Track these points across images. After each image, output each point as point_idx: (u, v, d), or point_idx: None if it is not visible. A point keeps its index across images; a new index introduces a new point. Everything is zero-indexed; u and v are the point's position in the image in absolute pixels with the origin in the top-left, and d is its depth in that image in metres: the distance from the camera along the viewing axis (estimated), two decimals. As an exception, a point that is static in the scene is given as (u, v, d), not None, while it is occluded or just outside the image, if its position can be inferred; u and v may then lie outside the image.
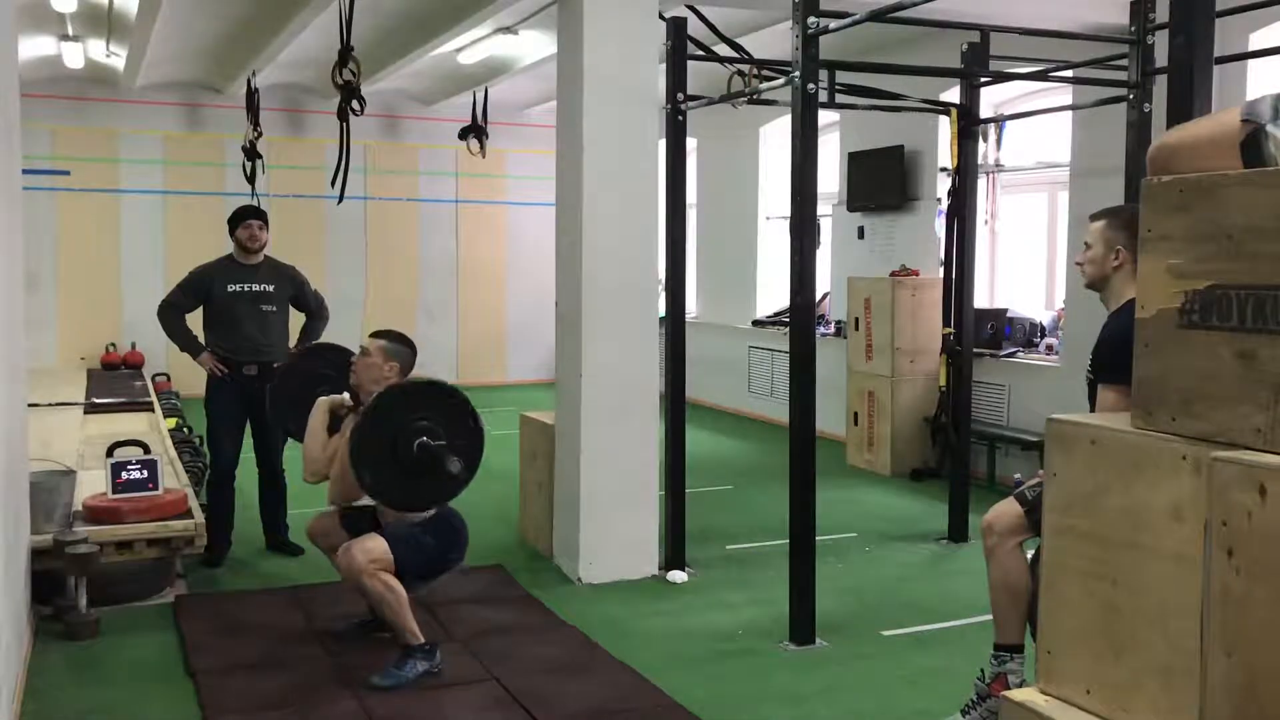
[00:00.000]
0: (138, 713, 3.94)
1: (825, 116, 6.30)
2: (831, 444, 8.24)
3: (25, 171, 5.81)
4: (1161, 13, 4.63)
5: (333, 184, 5.54)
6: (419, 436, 3.97)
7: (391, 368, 4.31)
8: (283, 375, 5.08)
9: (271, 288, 5.77)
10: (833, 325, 9.50)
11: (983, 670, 3.73)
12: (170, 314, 5.80)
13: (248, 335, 5.69)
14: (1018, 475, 6.52)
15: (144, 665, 4.35)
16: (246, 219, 5.81)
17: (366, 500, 4.24)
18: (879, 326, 8.21)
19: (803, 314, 4.62)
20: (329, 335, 6.07)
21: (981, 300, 7.46)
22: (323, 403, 4.47)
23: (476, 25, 8.10)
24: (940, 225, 7.92)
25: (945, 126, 6.61)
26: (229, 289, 5.71)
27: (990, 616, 3.73)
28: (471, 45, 8.98)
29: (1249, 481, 1.71)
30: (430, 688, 4.05)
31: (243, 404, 5.70)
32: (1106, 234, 3.35)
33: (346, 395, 4.43)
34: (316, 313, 5.98)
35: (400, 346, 4.39)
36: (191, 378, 10.83)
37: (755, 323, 10.75)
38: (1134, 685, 2.05)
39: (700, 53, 5.91)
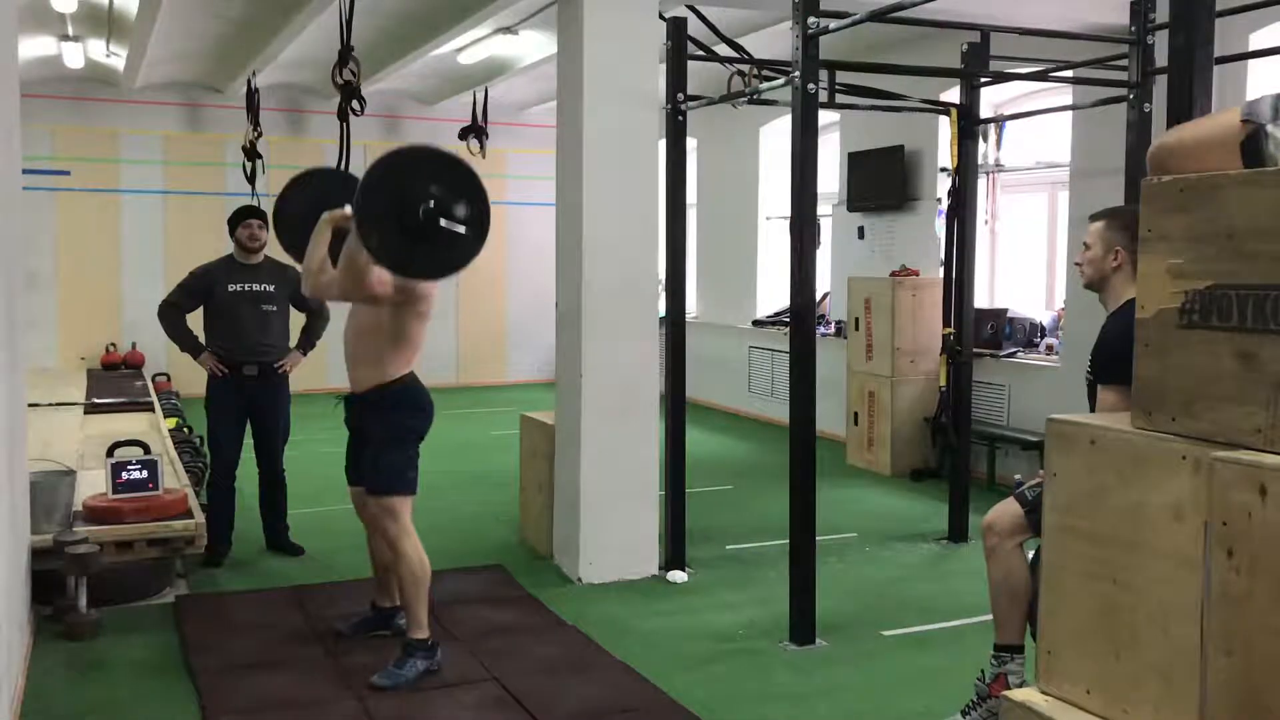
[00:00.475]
0: (138, 712, 3.94)
1: (825, 116, 6.31)
2: (831, 444, 8.24)
3: (25, 171, 5.81)
4: (1161, 13, 4.63)
5: (333, 184, 5.54)
6: (426, 201, 3.84)
7: None
8: (288, 193, 4.91)
9: (272, 287, 5.76)
10: (833, 325, 9.51)
11: (983, 671, 3.73)
12: (171, 314, 5.79)
13: (248, 335, 5.69)
14: (1018, 475, 6.52)
15: (144, 665, 4.35)
16: (246, 219, 5.80)
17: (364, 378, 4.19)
18: (879, 326, 8.22)
19: (803, 314, 4.62)
20: (329, 335, 6.07)
21: (981, 300, 7.46)
22: (327, 216, 4.32)
23: (477, 25, 8.10)
24: (940, 225, 7.92)
25: (945, 126, 6.61)
26: (230, 289, 5.70)
27: (990, 616, 3.73)
28: (472, 45, 8.98)
29: (1249, 481, 1.71)
30: (430, 688, 4.05)
31: (243, 404, 5.71)
32: (1105, 234, 3.35)
33: (348, 208, 4.20)
34: (317, 312, 5.98)
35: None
36: (192, 378, 10.85)
37: (755, 323, 10.75)
38: (1134, 685, 2.05)
39: (700, 53, 5.91)
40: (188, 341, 5.79)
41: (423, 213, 3.82)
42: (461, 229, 3.86)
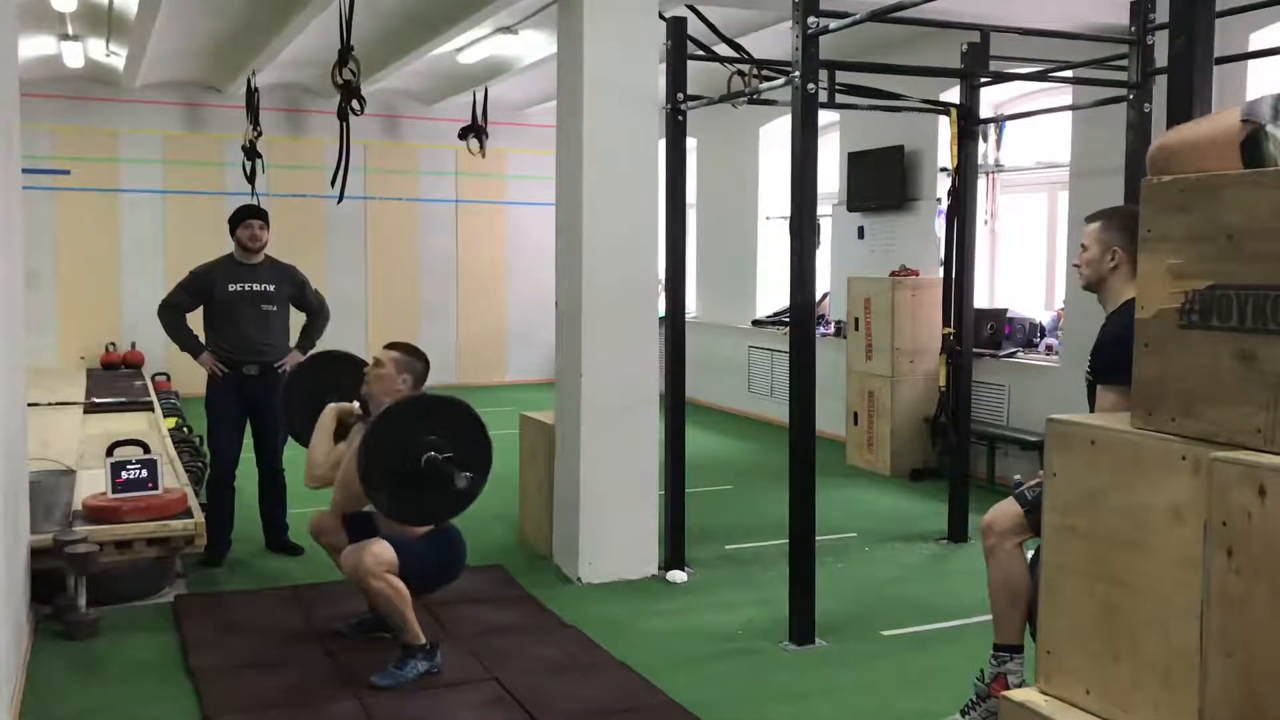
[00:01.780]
0: (137, 712, 3.94)
1: (825, 116, 6.30)
2: (831, 444, 8.24)
3: (25, 171, 5.80)
4: (1161, 13, 4.63)
5: (333, 184, 5.54)
6: (427, 451, 3.94)
7: (405, 380, 4.30)
8: (295, 375, 5.08)
9: (272, 287, 5.76)
10: (833, 325, 9.50)
11: (982, 670, 3.73)
12: (170, 313, 5.79)
13: (248, 335, 5.69)
14: (1017, 475, 6.51)
15: (144, 665, 4.35)
16: (247, 218, 5.79)
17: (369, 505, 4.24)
18: (879, 326, 8.21)
19: (803, 314, 4.62)
20: (330, 334, 6.07)
21: (981, 300, 7.46)
22: (331, 409, 4.47)
23: (476, 25, 8.10)
24: (940, 225, 7.92)
25: (945, 126, 6.61)
26: (230, 288, 5.70)
27: (990, 617, 3.73)
28: (471, 45, 8.98)
29: (1249, 482, 1.71)
30: (430, 688, 4.05)
31: (243, 404, 5.70)
32: (1103, 235, 3.35)
33: (356, 404, 4.44)
34: (317, 312, 5.98)
35: (414, 360, 4.37)
36: (191, 377, 10.83)
37: (755, 323, 10.75)
38: (1134, 685, 2.05)
39: (700, 53, 5.91)
40: (187, 341, 5.79)
41: (425, 462, 3.93)
42: (465, 478, 3.93)
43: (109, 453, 5.22)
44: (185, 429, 7.81)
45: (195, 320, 5.86)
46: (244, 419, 5.75)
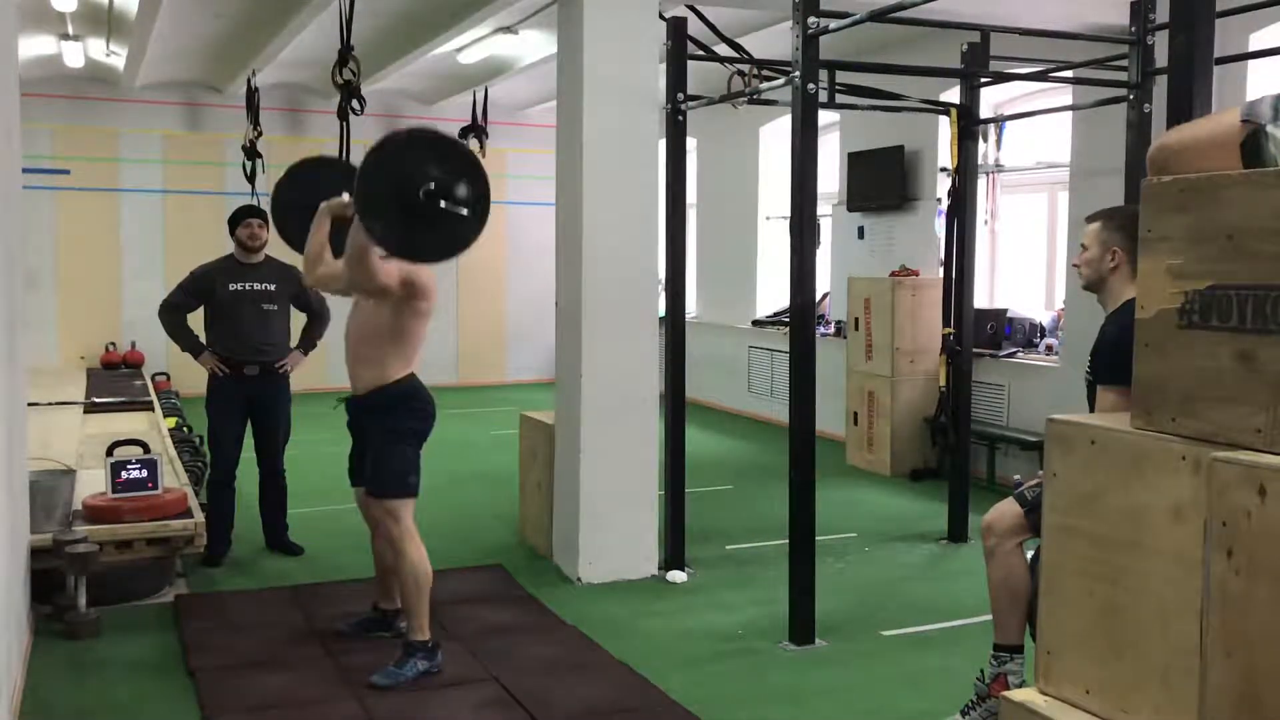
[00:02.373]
0: (137, 712, 3.94)
1: (825, 116, 6.30)
2: (831, 444, 8.24)
3: (25, 171, 5.81)
4: (1162, 13, 4.63)
5: (333, 184, 5.54)
6: (426, 183, 3.81)
7: None
8: (284, 182, 4.92)
9: (273, 287, 5.76)
10: (833, 325, 9.50)
11: (982, 671, 3.73)
12: (171, 314, 5.78)
13: (249, 334, 5.69)
14: (1017, 476, 6.51)
15: (144, 664, 4.35)
16: (246, 218, 5.78)
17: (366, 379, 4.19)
18: (879, 326, 8.22)
19: (803, 314, 4.62)
20: (330, 335, 6.06)
21: (981, 300, 7.46)
22: (325, 207, 4.34)
23: (476, 25, 8.10)
24: (940, 225, 7.92)
25: (945, 126, 6.61)
26: (230, 288, 5.70)
27: (990, 617, 3.73)
28: (471, 45, 8.98)
29: (1249, 482, 1.71)
30: (430, 688, 4.05)
31: (244, 404, 5.70)
32: (1102, 235, 3.35)
33: (346, 195, 4.25)
34: (318, 312, 5.97)
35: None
36: (191, 377, 10.84)
37: (755, 323, 10.75)
38: (1134, 685, 2.05)
39: (700, 53, 5.91)
40: (188, 341, 5.79)
41: (423, 194, 3.80)
42: (464, 210, 3.84)
43: (109, 452, 5.22)
44: (185, 429, 7.82)
45: (195, 321, 5.86)
46: (245, 419, 5.75)
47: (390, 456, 4.15)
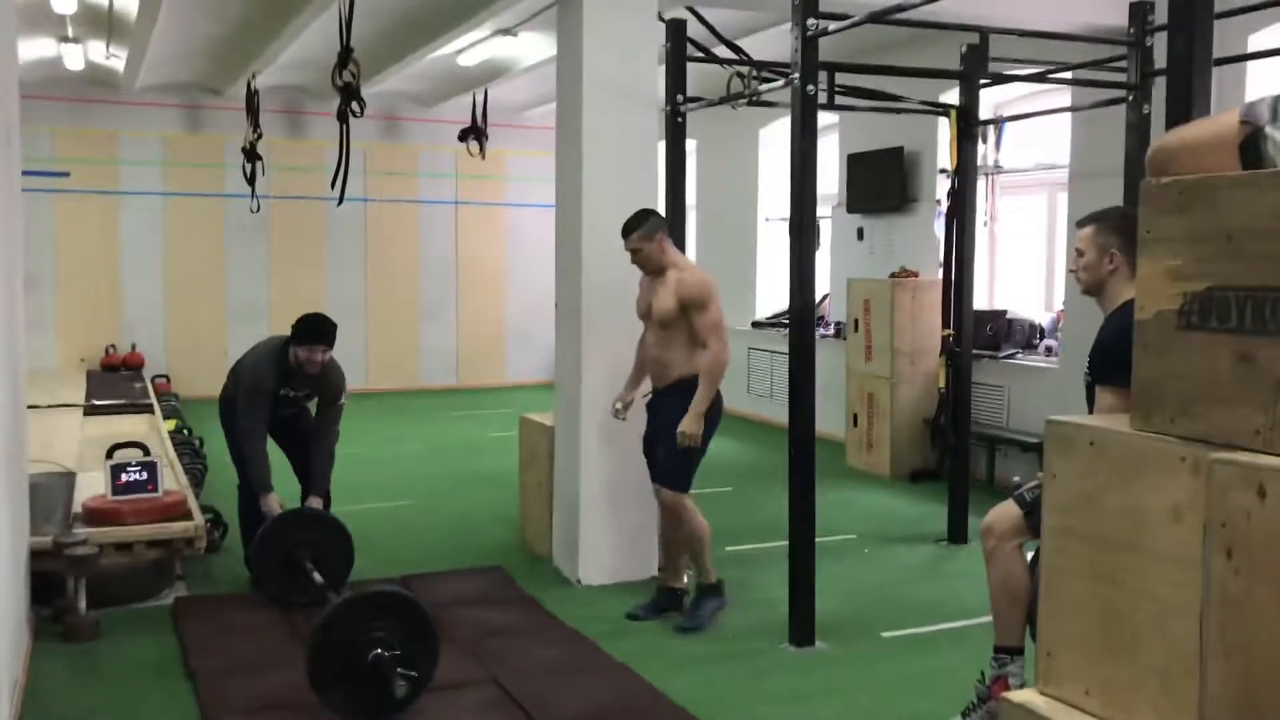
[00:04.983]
0: (137, 714, 3.95)
1: (825, 118, 6.31)
2: (831, 445, 8.24)
3: (25, 173, 5.81)
4: (1160, 14, 4.63)
5: (332, 186, 5.53)
6: (374, 647, 3.68)
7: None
8: (261, 543, 4.92)
9: (318, 393, 5.42)
10: (832, 327, 9.51)
11: (983, 673, 3.73)
12: (257, 441, 5.25)
13: (284, 419, 5.43)
14: (1016, 477, 6.52)
15: (144, 666, 4.35)
16: (316, 343, 5.20)
17: None
18: (878, 328, 8.22)
19: (802, 315, 4.62)
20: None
21: (981, 302, 7.46)
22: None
23: (476, 27, 8.11)
24: (939, 227, 7.92)
25: (945, 128, 6.62)
26: (280, 393, 5.31)
27: (990, 618, 3.73)
28: (471, 47, 8.98)
29: (1248, 483, 1.71)
30: (430, 689, 4.04)
31: (271, 424, 5.38)
32: (1098, 239, 3.35)
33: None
34: (327, 435, 5.43)
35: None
36: (192, 380, 10.89)
37: (755, 324, 10.75)
38: (1133, 686, 2.05)
39: (699, 54, 5.91)
40: (261, 477, 5.23)
41: (371, 660, 3.67)
42: (402, 693, 3.66)
43: (109, 455, 5.22)
44: (185, 431, 7.81)
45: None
46: (269, 435, 5.40)
47: (673, 454, 4.86)
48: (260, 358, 5.35)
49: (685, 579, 5.12)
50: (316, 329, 5.25)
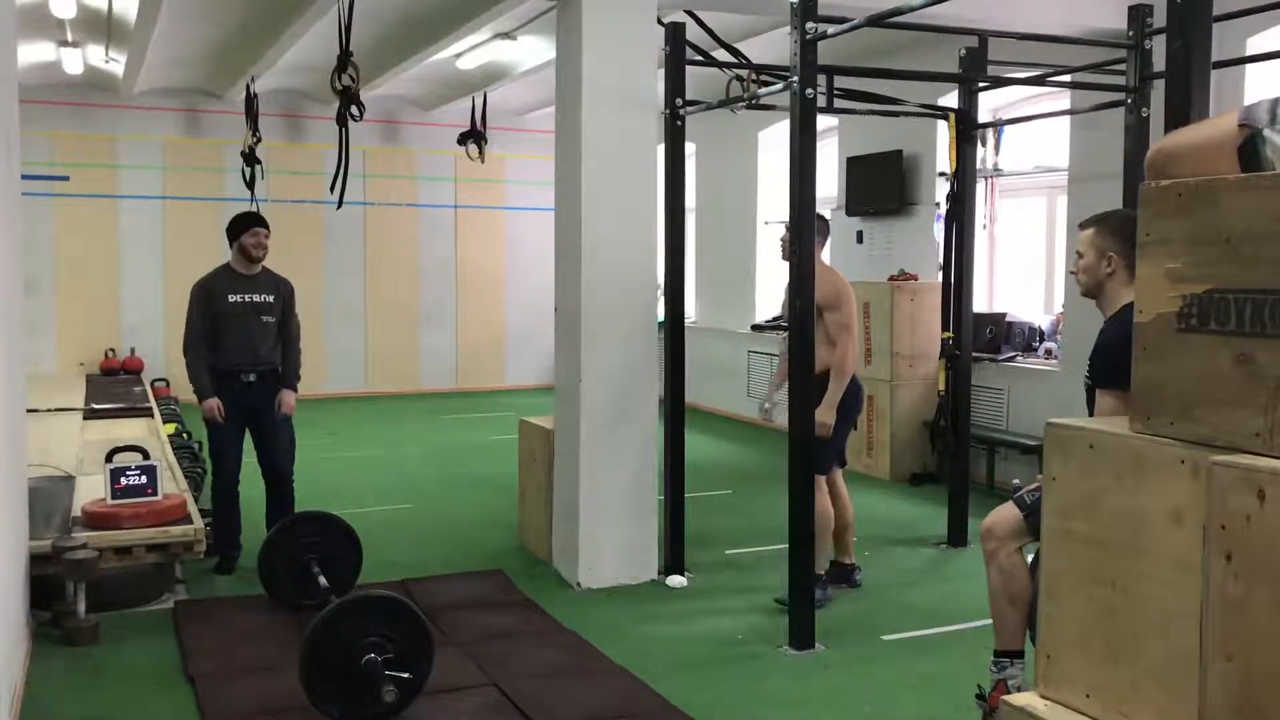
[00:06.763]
0: (137, 717, 3.94)
1: (824, 121, 6.31)
2: (831, 448, 8.23)
3: (24, 177, 5.81)
4: (1159, 17, 4.64)
5: (331, 189, 5.53)
6: (368, 651, 3.69)
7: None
8: (268, 549, 4.98)
9: (270, 298, 5.70)
10: (832, 330, 9.49)
11: (980, 687, 3.74)
12: (198, 351, 5.62)
13: (249, 345, 5.62)
14: (1016, 480, 6.50)
15: (143, 670, 4.35)
16: (255, 226, 5.71)
17: None
18: (878, 331, 8.22)
19: (802, 318, 4.62)
20: (330, 339, 6.04)
21: (980, 305, 7.46)
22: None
23: (475, 31, 8.11)
24: (939, 230, 7.92)
25: (944, 131, 6.61)
26: (230, 299, 5.62)
27: (990, 621, 3.73)
28: (470, 51, 8.99)
29: (1248, 485, 1.71)
30: (430, 692, 4.04)
31: (242, 410, 5.66)
32: (1097, 241, 3.35)
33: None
34: (295, 338, 5.82)
35: None
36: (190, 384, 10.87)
37: (754, 327, 10.74)
38: (1133, 689, 2.05)
39: (699, 58, 5.91)
40: (205, 386, 5.61)
41: (365, 663, 3.68)
42: (391, 698, 3.66)
43: (108, 459, 5.22)
44: (184, 435, 7.81)
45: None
46: (244, 425, 5.72)
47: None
48: (205, 276, 5.79)
49: (853, 554, 5.44)
50: (247, 215, 5.84)
